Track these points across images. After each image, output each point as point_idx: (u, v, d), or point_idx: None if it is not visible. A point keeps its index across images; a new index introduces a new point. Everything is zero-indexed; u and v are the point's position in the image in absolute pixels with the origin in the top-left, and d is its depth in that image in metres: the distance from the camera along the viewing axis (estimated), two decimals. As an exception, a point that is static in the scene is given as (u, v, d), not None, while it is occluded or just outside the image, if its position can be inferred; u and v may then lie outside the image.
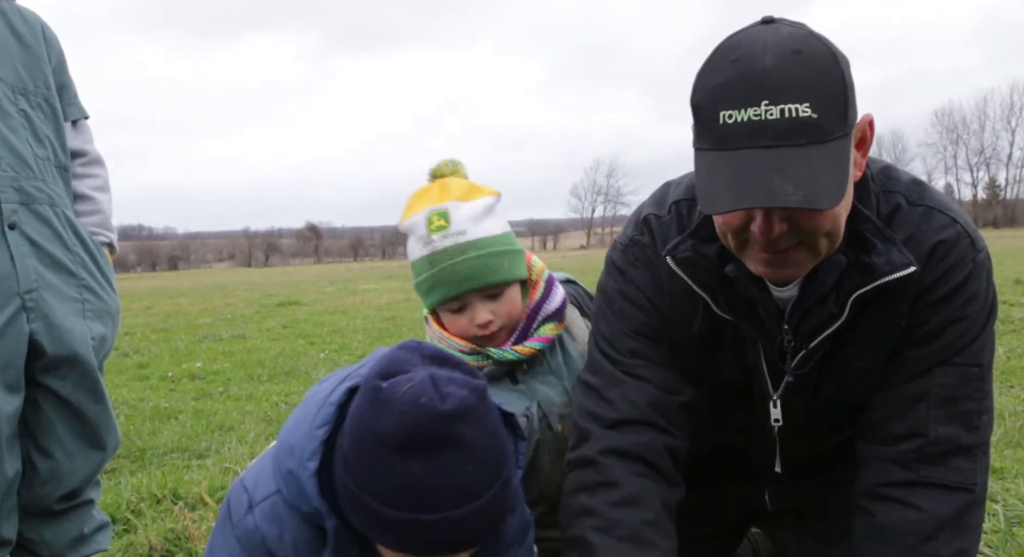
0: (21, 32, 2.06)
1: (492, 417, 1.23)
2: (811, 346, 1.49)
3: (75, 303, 2.03)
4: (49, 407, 2.01)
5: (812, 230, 1.28)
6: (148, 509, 3.23)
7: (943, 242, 1.42)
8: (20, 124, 1.98)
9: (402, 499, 1.16)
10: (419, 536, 1.18)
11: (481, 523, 1.19)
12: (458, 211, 1.70)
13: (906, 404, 1.47)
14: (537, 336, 1.78)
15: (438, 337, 1.78)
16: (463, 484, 1.16)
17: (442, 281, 1.69)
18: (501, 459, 1.22)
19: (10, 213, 1.92)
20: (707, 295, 1.49)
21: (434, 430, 1.14)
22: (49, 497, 2.04)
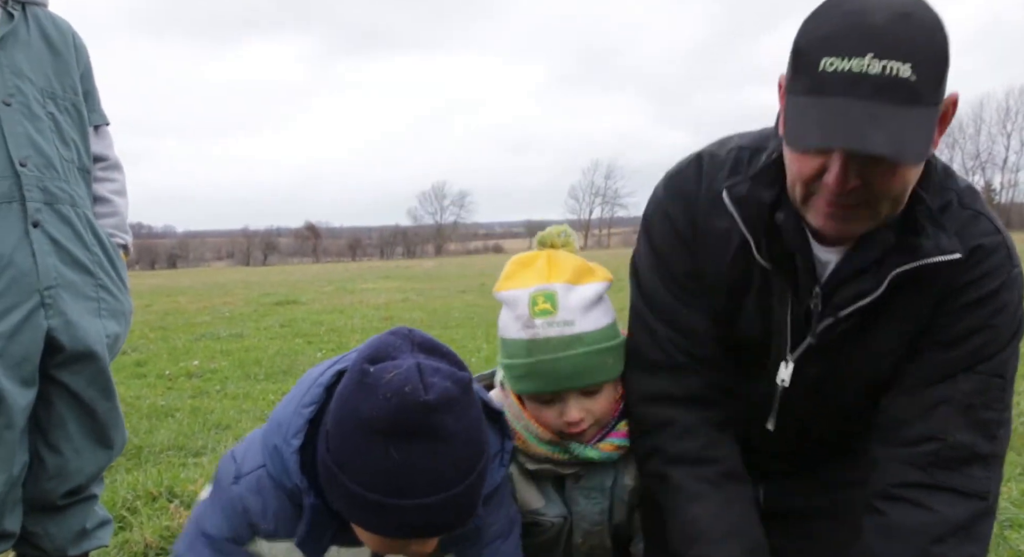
0: (53, 39, 2.13)
1: (474, 411, 1.25)
2: (841, 315, 1.47)
3: (91, 302, 2.08)
4: (61, 403, 2.05)
5: (882, 190, 1.30)
6: (144, 507, 3.24)
7: (982, 247, 1.43)
8: (48, 127, 2.05)
9: (377, 482, 1.19)
10: (390, 520, 1.21)
11: (451, 512, 1.22)
12: (567, 297, 1.54)
13: (927, 407, 1.46)
14: (618, 431, 1.63)
15: (516, 416, 1.61)
16: (438, 473, 1.19)
17: (539, 374, 1.53)
18: (478, 452, 1.24)
19: (34, 212, 1.97)
20: (752, 237, 1.49)
21: (415, 419, 1.17)
22: (54, 492, 2.07)
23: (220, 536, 1.46)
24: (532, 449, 1.60)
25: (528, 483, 1.66)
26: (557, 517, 1.68)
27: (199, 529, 1.48)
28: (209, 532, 1.47)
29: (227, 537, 1.46)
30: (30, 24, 2.09)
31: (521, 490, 1.65)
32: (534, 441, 1.60)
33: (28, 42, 2.07)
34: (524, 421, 1.61)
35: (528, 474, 1.65)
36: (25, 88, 2.01)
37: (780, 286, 1.53)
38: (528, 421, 1.60)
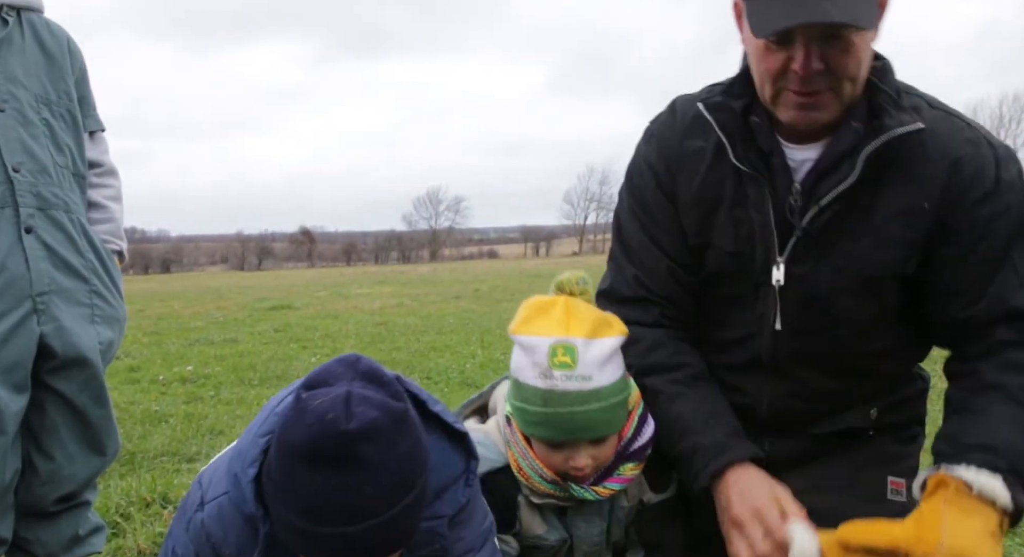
0: (48, 45, 2.14)
1: (405, 442, 1.23)
2: (823, 204, 1.55)
3: (85, 308, 2.08)
4: (53, 409, 2.05)
5: (841, 68, 1.44)
6: (137, 513, 3.23)
7: (967, 142, 1.55)
8: (42, 132, 2.05)
9: (300, 507, 1.21)
10: (315, 546, 1.22)
11: (375, 541, 1.22)
12: (587, 352, 1.56)
13: (1008, 293, 1.54)
14: (617, 476, 1.67)
15: (522, 454, 1.66)
16: (358, 503, 1.19)
17: (554, 424, 1.57)
18: (405, 484, 1.23)
19: (27, 217, 1.97)
20: (728, 141, 1.61)
21: (334, 447, 1.17)
22: (46, 498, 2.07)
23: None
24: (536, 486, 1.66)
25: (532, 511, 1.71)
26: (558, 541, 1.74)
27: (171, 548, 1.49)
28: (178, 553, 1.47)
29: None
30: (25, 30, 2.09)
31: (525, 517, 1.71)
32: (538, 479, 1.65)
33: (23, 48, 2.07)
34: (530, 459, 1.65)
35: (532, 504, 1.71)
36: (19, 94, 2.01)
37: (756, 192, 1.62)
38: (534, 460, 1.65)
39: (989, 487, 1.40)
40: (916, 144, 1.53)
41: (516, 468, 1.67)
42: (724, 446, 1.59)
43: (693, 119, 1.70)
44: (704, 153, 1.68)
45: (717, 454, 1.58)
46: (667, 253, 1.75)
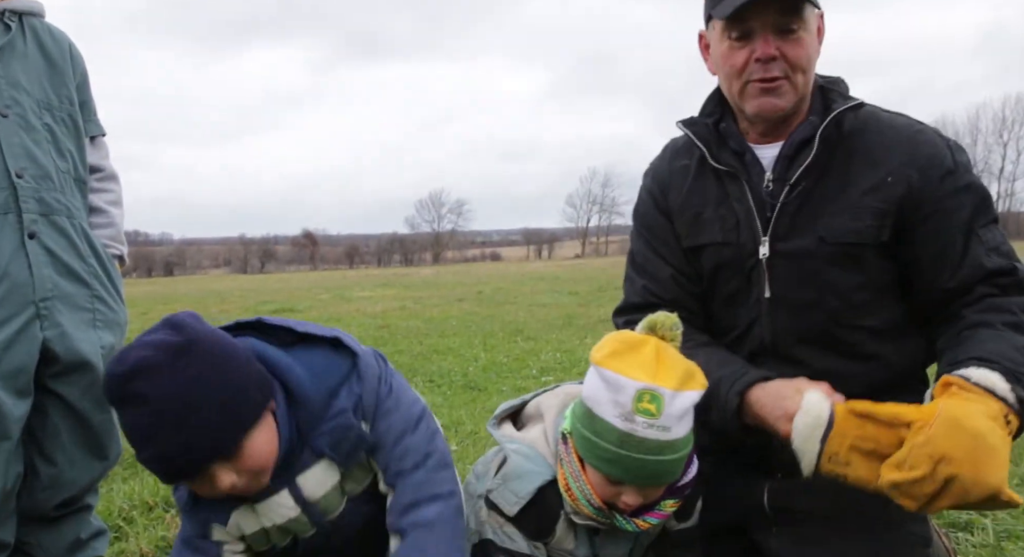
0: (49, 49, 2.14)
1: (192, 370, 1.40)
2: (792, 180, 1.81)
3: (86, 313, 2.08)
4: (56, 413, 2.05)
5: (794, 58, 1.75)
6: (140, 516, 3.23)
7: (919, 133, 1.82)
8: (44, 138, 2.05)
9: (135, 442, 1.42)
10: (152, 467, 1.44)
11: (187, 456, 1.41)
12: (672, 404, 1.59)
13: (983, 258, 1.74)
14: (657, 511, 1.73)
15: (575, 476, 1.70)
16: (146, 431, 1.39)
17: (625, 467, 1.60)
18: (192, 404, 1.39)
19: (30, 223, 1.97)
20: (704, 146, 1.90)
21: (114, 390, 1.39)
22: (48, 503, 2.07)
23: (190, 535, 1.70)
24: (581, 508, 1.70)
25: (568, 528, 1.78)
26: (584, 556, 1.81)
27: (179, 536, 1.72)
28: (182, 536, 1.71)
29: (194, 534, 1.69)
30: (27, 35, 2.09)
31: (560, 531, 1.77)
32: (585, 503, 1.69)
33: (25, 53, 2.07)
34: (582, 483, 1.69)
35: (570, 522, 1.77)
36: (22, 99, 2.02)
37: (736, 187, 1.88)
38: (586, 485, 1.68)
39: (987, 378, 1.52)
40: (875, 131, 1.82)
41: (564, 487, 1.71)
42: (743, 371, 1.77)
43: (679, 146, 2.05)
44: (689, 168, 1.98)
45: (738, 377, 1.74)
46: (669, 262, 2.00)
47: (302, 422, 1.59)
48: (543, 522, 1.74)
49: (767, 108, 1.80)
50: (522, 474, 1.75)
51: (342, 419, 1.60)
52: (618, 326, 2.05)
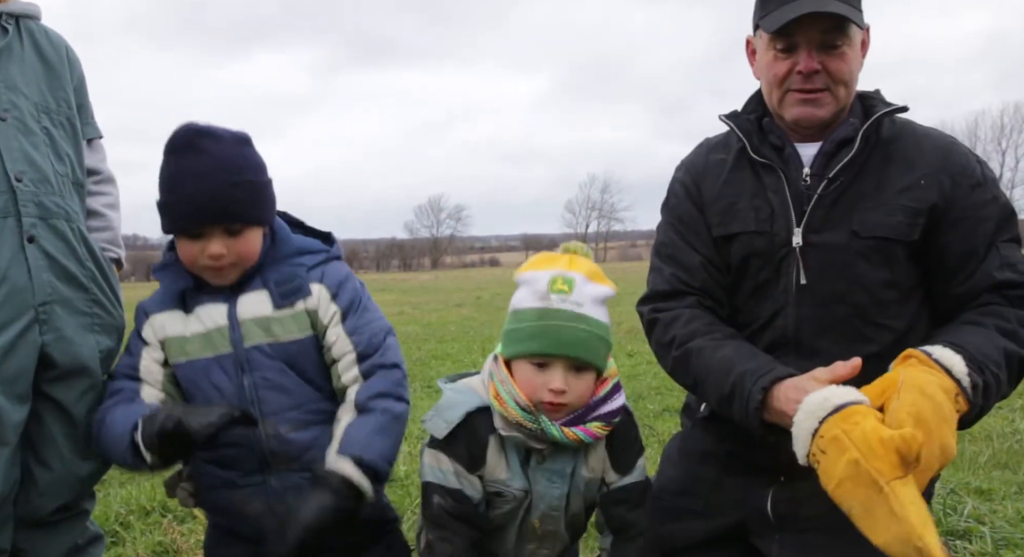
0: (47, 53, 2.13)
1: (240, 147, 1.86)
2: (830, 175, 1.86)
3: (85, 317, 2.07)
4: (51, 418, 2.04)
5: (835, 72, 1.83)
6: (137, 521, 3.23)
7: (950, 147, 1.89)
8: (43, 141, 2.04)
9: (164, 187, 1.84)
10: (181, 207, 1.82)
11: (211, 203, 1.79)
12: (583, 286, 1.81)
13: (995, 270, 1.81)
14: (585, 427, 1.84)
15: (501, 380, 1.85)
16: (195, 175, 1.79)
17: (545, 336, 1.78)
18: (232, 168, 1.82)
19: (29, 227, 1.96)
20: (745, 138, 1.95)
21: (180, 136, 1.82)
22: (44, 508, 2.05)
23: (130, 336, 2.01)
24: (510, 412, 1.81)
25: (499, 454, 1.88)
26: (519, 490, 1.88)
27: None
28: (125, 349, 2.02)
29: (134, 334, 1.99)
30: (24, 38, 2.09)
31: (492, 460, 1.88)
32: (513, 406, 1.81)
33: (22, 56, 2.06)
34: (509, 386, 1.83)
35: (500, 447, 1.87)
36: (20, 103, 2.01)
37: (773, 180, 1.92)
38: (513, 387, 1.82)
39: (948, 357, 1.61)
40: (912, 137, 1.90)
41: (494, 395, 1.85)
42: (768, 366, 1.75)
43: (714, 142, 2.11)
44: (726, 162, 2.02)
45: (763, 373, 1.73)
46: (699, 251, 2.01)
47: (267, 258, 1.93)
48: (472, 447, 1.86)
49: (806, 116, 1.87)
50: (452, 404, 1.90)
51: (294, 268, 1.93)
52: (643, 315, 2.07)
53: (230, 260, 1.85)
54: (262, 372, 1.89)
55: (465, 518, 1.84)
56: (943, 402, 1.52)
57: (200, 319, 1.92)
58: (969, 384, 1.58)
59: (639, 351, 8.57)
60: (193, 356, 1.92)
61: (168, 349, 1.95)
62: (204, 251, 1.83)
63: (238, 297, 1.91)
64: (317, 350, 1.94)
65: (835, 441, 1.50)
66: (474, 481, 1.87)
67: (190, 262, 1.87)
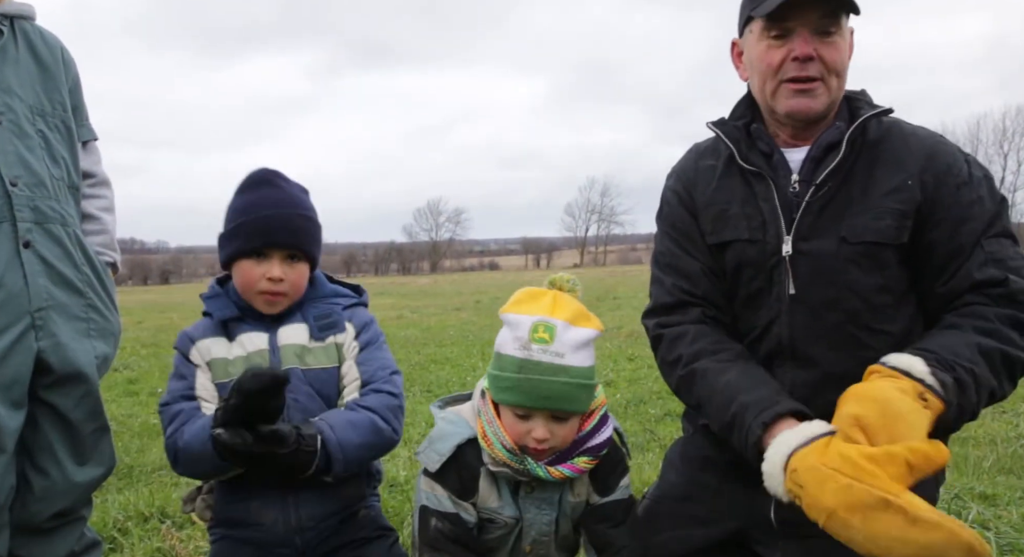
0: (42, 54, 2.11)
1: (303, 193, 2.14)
2: (817, 181, 1.84)
3: (81, 322, 2.06)
4: (48, 424, 2.02)
5: (829, 61, 1.81)
6: (135, 527, 3.21)
7: (937, 144, 1.87)
8: (38, 145, 2.03)
9: (239, 210, 2.05)
10: (255, 225, 2.01)
11: (285, 226, 2.03)
12: (565, 333, 1.80)
13: (976, 268, 1.77)
14: (571, 464, 1.87)
15: (490, 421, 1.89)
16: (272, 200, 2.04)
17: (524, 390, 1.80)
18: (299, 204, 2.08)
19: (25, 232, 1.95)
20: (734, 147, 1.94)
21: (259, 174, 2.10)
22: (41, 514, 2.04)
23: (176, 363, 2.10)
24: (496, 453, 1.85)
25: (491, 485, 1.91)
26: (510, 518, 1.92)
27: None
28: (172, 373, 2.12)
29: (180, 361, 2.09)
30: (18, 40, 2.07)
31: (483, 489, 1.91)
32: (499, 448, 1.84)
33: (17, 58, 2.04)
34: (495, 427, 1.86)
35: (491, 477, 1.91)
36: (15, 106, 1.99)
37: (763, 187, 1.91)
38: (499, 428, 1.86)
39: (905, 361, 1.61)
40: (899, 137, 1.87)
41: (481, 434, 1.88)
42: (772, 400, 1.70)
43: (703, 148, 2.09)
44: (715, 168, 2.00)
45: (765, 407, 1.69)
46: (698, 257, 2.00)
47: (306, 297, 2.13)
48: (464, 478, 1.90)
49: (801, 108, 1.84)
50: (444, 435, 1.93)
51: (331, 306, 2.15)
52: (648, 329, 2.05)
53: (285, 288, 2.03)
54: (294, 394, 2.00)
55: (461, 541, 1.88)
56: (895, 399, 1.51)
57: (242, 344, 2.05)
58: (935, 382, 1.57)
59: (640, 355, 8.55)
60: (234, 375, 1.96)
61: (213, 370, 2.05)
62: (265, 273, 2.00)
63: (279, 328, 2.08)
64: (340, 381, 2.10)
65: (812, 471, 1.47)
66: (468, 507, 1.91)
67: (249, 285, 2.03)
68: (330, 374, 2.08)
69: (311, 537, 2.05)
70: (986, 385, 1.65)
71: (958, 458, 3.92)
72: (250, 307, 2.08)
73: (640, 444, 4.75)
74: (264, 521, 2.01)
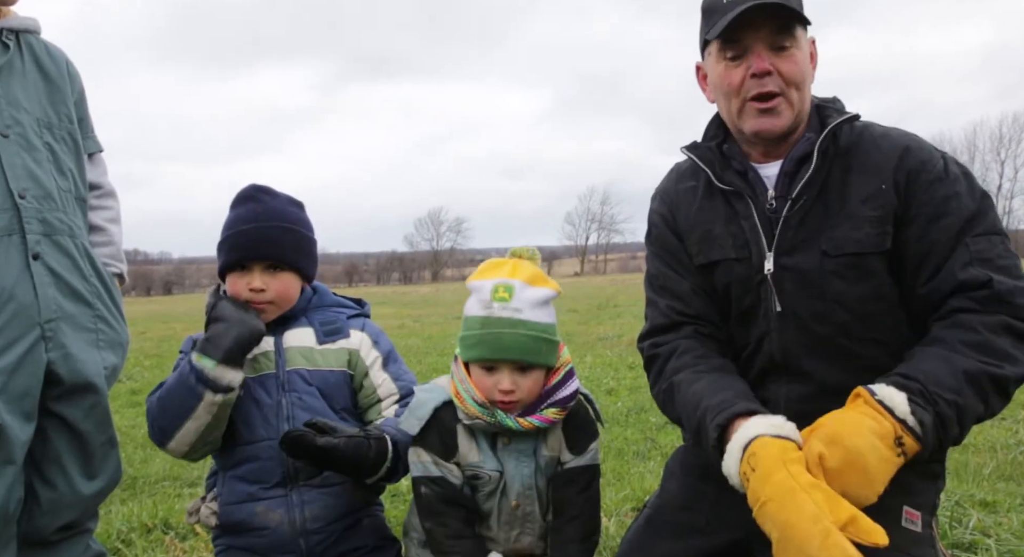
0: (47, 68, 2.14)
1: (293, 208, 2.24)
2: (794, 195, 1.84)
3: (90, 333, 2.07)
4: (56, 436, 2.03)
5: (787, 74, 1.81)
6: (139, 539, 3.21)
7: (909, 146, 1.83)
8: (45, 157, 2.05)
9: (230, 223, 2.18)
10: (237, 239, 2.14)
11: (260, 238, 2.13)
12: (523, 292, 1.95)
13: (958, 269, 1.73)
14: (539, 415, 1.98)
15: (460, 379, 2.00)
16: (256, 214, 2.16)
17: (486, 343, 1.94)
18: (288, 217, 2.20)
19: (34, 244, 1.96)
20: (708, 169, 1.96)
21: (248, 192, 2.21)
22: (49, 527, 2.04)
23: (176, 364, 2.17)
24: (468, 408, 1.97)
25: (469, 439, 2.02)
26: (493, 471, 2.02)
27: None
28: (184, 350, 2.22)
29: (182, 357, 2.17)
30: (24, 54, 2.09)
31: (463, 445, 2.02)
32: (471, 402, 1.96)
33: (23, 72, 2.07)
34: (466, 384, 1.99)
35: (469, 433, 2.02)
36: (22, 119, 2.01)
37: (742, 205, 1.92)
38: (470, 385, 1.98)
39: (891, 397, 1.57)
40: (870, 141, 1.85)
41: (454, 392, 2.00)
42: (730, 402, 1.73)
43: (684, 168, 2.12)
44: (696, 189, 2.03)
45: (723, 409, 1.71)
46: (688, 278, 2.03)
47: (311, 304, 2.28)
48: (444, 436, 2.01)
49: (765, 127, 1.85)
50: (421, 402, 2.05)
51: (336, 314, 2.29)
52: (643, 351, 2.08)
53: (269, 297, 2.15)
54: (299, 393, 2.14)
55: (453, 501, 1.99)
56: (864, 452, 1.51)
57: None
58: (915, 422, 1.54)
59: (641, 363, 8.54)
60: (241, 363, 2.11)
61: None
62: (248, 284, 2.13)
63: (284, 332, 2.21)
64: (348, 386, 2.23)
65: (770, 459, 1.52)
66: (452, 468, 2.01)
67: (237, 296, 2.15)
68: (337, 377, 2.20)
69: (315, 541, 2.09)
70: (971, 413, 1.62)
71: (958, 465, 3.93)
72: None
73: (641, 452, 4.75)
74: (270, 523, 2.07)
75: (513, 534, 2.07)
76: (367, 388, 2.25)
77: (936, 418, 1.57)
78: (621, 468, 4.30)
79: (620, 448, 4.86)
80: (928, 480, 1.85)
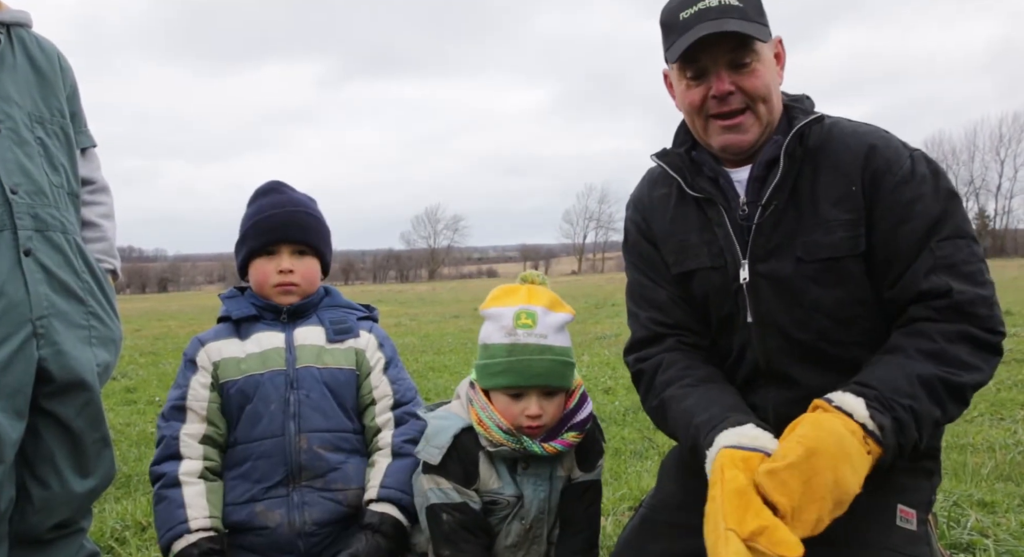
0: (39, 61, 2.12)
1: (312, 202, 2.36)
2: (763, 201, 1.82)
3: (82, 330, 2.05)
4: (49, 434, 2.01)
5: (750, 89, 1.78)
6: (133, 537, 3.20)
7: (875, 145, 1.79)
8: (37, 152, 2.02)
9: (253, 212, 2.29)
10: (266, 223, 2.24)
11: (290, 222, 2.25)
12: (545, 317, 2.00)
13: (921, 276, 1.71)
14: (561, 440, 2.03)
15: (482, 406, 2.03)
16: (277, 203, 2.28)
17: (515, 370, 1.97)
18: (309, 206, 2.33)
19: (25, 240, 1.94)
20: (679, 176, 1.93)
21: (270, 185, 2.34)
22: (41, 526, 2.03)
23: (178, 371, 2.24)
24: (493, 436, 1.99)
25: (490, 468, 2.04)
26: (512, 496, 2.05)
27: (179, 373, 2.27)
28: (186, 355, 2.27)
29: (184, 365, 2.23)
30: (16, 47, 2.07)
31: (484, 473, 2.04)
32: (496, 430, 1.99)
33: (14, 66, 2.04)
34: (489, 412, 2.01)
35: (489, 460, 2.04)
36: (13, 113, 1.99)
37: (715, 212, 1.90)
38: (493, 412, 2.01)
39: (848, 403, 1.58)
40: (839, 140, 1.81)
41: (477, 421, 2.02)
42: (717, 419, 1.71)
43: (656, 175, 2.09)
44: (670, 197, 2.01)
45: (713, 427, 1.70)
46: (666, 287, 2.02)
47: (323, 302, 2.34)
48: (466, 464, 2.02)
49: (731, 143, 1.84)
50: (439, 430, 2.05)
51: (346, 314, 2.34)
52: (629, 364, 2.08)
53: (296, 279, 2.24)
54: (307, 391, 2.17)
55: (474, 528, 2.01)
56: (844, 437, 1.52)
57: (258, 342, 2.22)
58: (875, 426, 1.55)
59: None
60: (248, 372, 2.18)
61: (222, 370, 2.20)
62: (276, 267, 2.22)
63: (295, 328, 2.26)
64: (355, 386, 2.27)
65: (715, 472, 1.57)
66: (472, 495, 2.03)
67: (263, 280, 2.25)
68: (346, 375, 2.25)
69: (313, 542, 2.10)
70: (928, 418, 1.61)
71: (956, 465, 3.92)
72: (266, 308, 2.26)
73: (639, 452, 4.74)
74: (270, 523, 2.09)
75: (519, 555, 2.11)
76: (364, 388, 2.27)
77: (894, 422, 1.57)
78: (618, 467, 4.29)
79: (617, 447, 4.85)
80: (922, 478, 1.84)
